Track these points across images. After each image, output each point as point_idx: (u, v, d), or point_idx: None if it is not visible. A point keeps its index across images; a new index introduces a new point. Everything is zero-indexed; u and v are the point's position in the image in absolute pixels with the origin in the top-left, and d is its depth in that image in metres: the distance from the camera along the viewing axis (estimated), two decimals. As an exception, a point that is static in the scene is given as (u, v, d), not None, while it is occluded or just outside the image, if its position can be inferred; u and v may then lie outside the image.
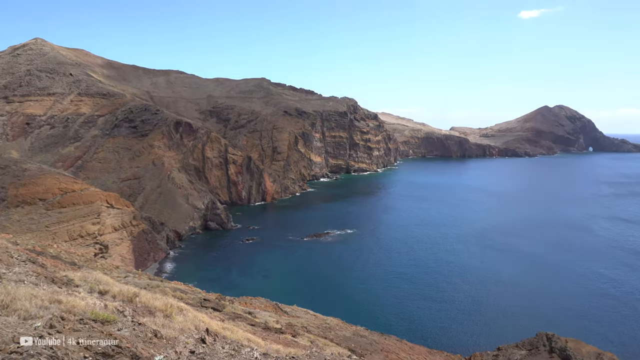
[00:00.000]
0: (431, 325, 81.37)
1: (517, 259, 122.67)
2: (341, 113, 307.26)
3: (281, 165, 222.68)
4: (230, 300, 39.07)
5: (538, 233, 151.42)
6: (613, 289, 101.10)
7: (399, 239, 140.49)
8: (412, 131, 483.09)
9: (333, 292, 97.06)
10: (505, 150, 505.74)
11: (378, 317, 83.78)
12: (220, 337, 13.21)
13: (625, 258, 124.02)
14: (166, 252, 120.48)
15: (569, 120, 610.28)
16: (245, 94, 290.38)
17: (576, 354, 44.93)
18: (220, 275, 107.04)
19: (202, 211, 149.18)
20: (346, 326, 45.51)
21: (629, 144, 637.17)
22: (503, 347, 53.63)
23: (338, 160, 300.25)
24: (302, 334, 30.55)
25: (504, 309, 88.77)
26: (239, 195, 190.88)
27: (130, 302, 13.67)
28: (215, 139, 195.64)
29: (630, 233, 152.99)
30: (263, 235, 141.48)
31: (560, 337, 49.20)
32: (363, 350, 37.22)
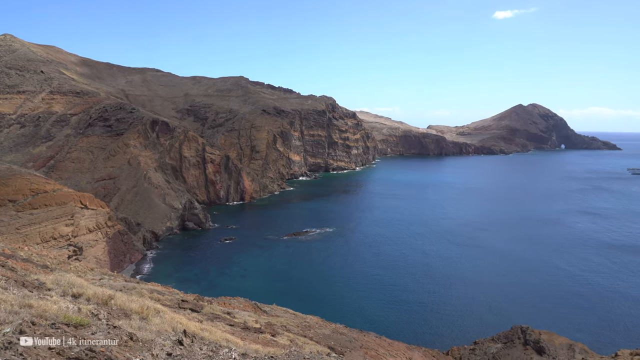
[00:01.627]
0: (410, 322, 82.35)
1: (492, 254, 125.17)
2: (320, 112, 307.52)
3: (260, 164, 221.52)
4: (208, 301, 38.71)
5: (512, 229, 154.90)
6: (583, 281, 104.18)
7: (378, 237, 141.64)
8: (390, 130, 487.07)
9: (312, 290, 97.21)
10: (481, 148, 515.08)
11: (357, 314, 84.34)
12: (198, 338, 13.09)
13: (593, 251, 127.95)
14: (143, 253, 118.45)
15: (542, 119, 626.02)
16: (223, 93, 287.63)
17: (549, 345, 46.23)
18: (199, 276, 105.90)
19: (179, 211, 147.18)
20: (325, 324, 45.65)
21: (598, 141, 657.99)
22: (480, 341, 54.75)
23: (317, 158, 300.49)
24: (281, 333, 30.50)
25: (481, 304, 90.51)
26: (217, 195, 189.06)
27: (105, 305, 13.41)
28: (192, 138, 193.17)
29: (597, 226, 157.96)
30: (242, 235, 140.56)
31: (534, 329, 50.56)
32: (342, 347, 37.40)
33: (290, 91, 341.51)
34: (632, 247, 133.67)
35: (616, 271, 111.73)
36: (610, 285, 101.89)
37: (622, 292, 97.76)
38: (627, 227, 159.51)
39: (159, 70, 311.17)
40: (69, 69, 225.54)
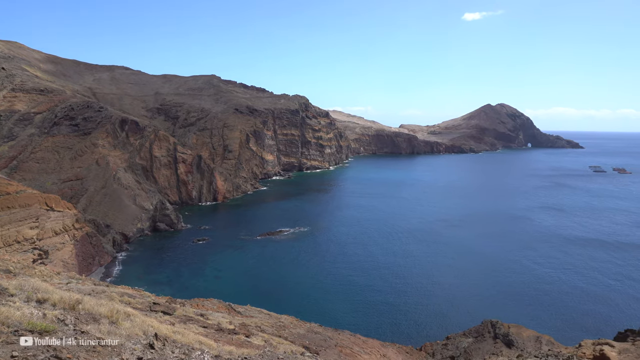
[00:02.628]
0: (384, 319, 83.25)
1: (463, 251, 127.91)
2: (293, 111, 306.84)
3: (233, 163, 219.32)
4: (181, 303, 38.10)
5: (481, 225, 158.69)
6: (547, 276, 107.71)
7: (351, 236, 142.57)
8: (363, 129, 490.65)
9: (287, 290, 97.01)
10: (452, 147, 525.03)
11: (332, 313, 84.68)
12: (170, 341, 12.86)
13: (557, 246, 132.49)
14: (113, 256, 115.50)
15: (509, 118, 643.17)
16: (195, 91, 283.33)
17: (517, 338, 47.58)
18: (171, 278, 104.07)
19: (150, 212, 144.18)
20: (300, 324, 45.65)
21: (562, 140, 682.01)
22: (452, 336, 55.87)
23: (290, 158, 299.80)
24: (255, 333, 30.30)
25: (452, 300, 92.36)
26: (189, 195, 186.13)
27: (72, 310, 13.00)
28: (163, 138, 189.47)
29: (560, 222, 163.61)
30: (215, 235, 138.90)
31: (504, 323, 51.96)
32: (317, 346, 37.49)
33: (263, 90, 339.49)
34: (591, 241, 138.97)
35: (577, 266, 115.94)
36: (572, 280, 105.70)
37: (583, 286, 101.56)
38: (588, 222, 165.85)
39: (128, 68, 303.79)
40: (32, 66, 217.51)
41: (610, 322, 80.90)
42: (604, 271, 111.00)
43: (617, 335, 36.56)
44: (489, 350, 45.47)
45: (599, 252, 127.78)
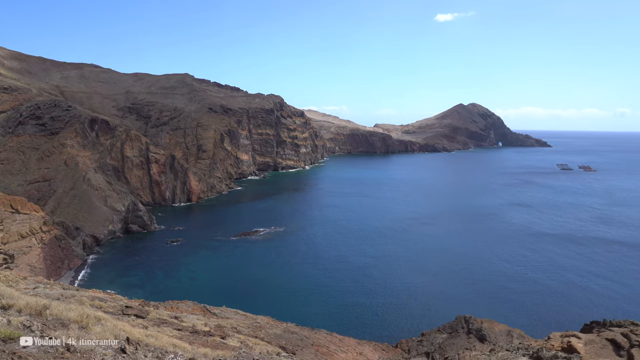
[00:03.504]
0: (360, 317, 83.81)
1: (435, 248, 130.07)
2: (268, 110, 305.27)
3: (207, 163, 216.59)
4: (154, 306, 37.41)
5: (453, 222, 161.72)
6: (517, 270, 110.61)
7: (327, 235, 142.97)
8: (338, 128, 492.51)
9: (263, 290, 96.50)
10: (425, 146, 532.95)
11: (309, 313, 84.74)
12: (143, 345, 12.60)
13: (525, 242, 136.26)
14: (83, 259, 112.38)
15: (481, 117, 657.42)
16: (167, 90, 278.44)
17: (490, 332, 48.65)
18: (144, 280, 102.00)
19: (122, 213, 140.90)
20: (277, 324, 45.51)
21: (531, 139, 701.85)
22: (426, 333, 56.68)
23: (265, 157, 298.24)
24: (231, 335, 30.02)
25: (427, 297, 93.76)
26: (163, 196, 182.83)
27: (39, 316, 12.58)
28: (135, 137, 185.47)
29: (529, 219, 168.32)
30: (189, 236, 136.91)
31: (477, 318, 53.01)
32: (294, 346, 37.44)
33: (238, 89, 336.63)
34: (558, 237, 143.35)
35: (544, 262, 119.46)
36: (540, 276, 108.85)
37: (551, 282, 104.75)
38: (554, 219, 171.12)
39: (97, 66, 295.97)
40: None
41: (577, 315, 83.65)
42: (568, 267, 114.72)
43: (583, 327, 37.82)
44: (463, 345, 46.33)
45: (565, 248, 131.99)
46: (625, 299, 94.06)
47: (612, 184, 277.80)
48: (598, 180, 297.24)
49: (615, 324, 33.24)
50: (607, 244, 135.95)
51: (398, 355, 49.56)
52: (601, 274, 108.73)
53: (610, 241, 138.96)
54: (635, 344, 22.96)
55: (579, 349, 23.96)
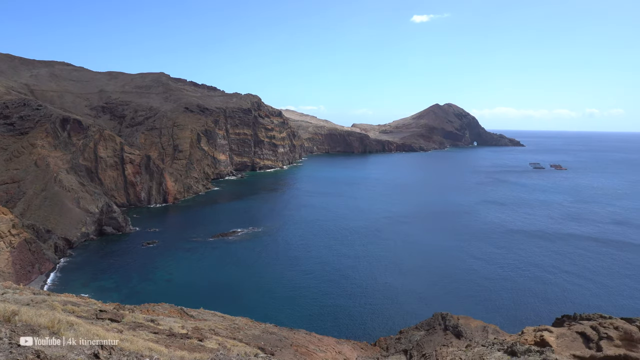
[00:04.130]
0: (339, 317, 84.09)
1: (411, 246, 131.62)
2: (245, 110, 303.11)
3: (183, 164, 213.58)
4: (130, 309, 36.68)
5: (429, 220, 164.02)
6: (492, 267, 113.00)
7: (305, 235, 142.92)
8: (316, 128, 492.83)
9: (241, 291, 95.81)
10: (402, 146, 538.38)
11: (287, 313, 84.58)
12: (117, 349, 12.35)
13: (500, 239, 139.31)
14: (55, 262, 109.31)
15: (457, 118, 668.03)
16: (142, 89, 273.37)
17: (466, 329, 49.52)
18: (119, 283, 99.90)
19: (96, 215, 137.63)
20: (255, 325, 45.26)
21: (505, 138, 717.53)
22: (404, 330, 57.33)
23: (243, 157, 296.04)
24: (209, 337, 29.69)
25: (405, 295, 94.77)
26: (138, 197, 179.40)
27: (7, 322, 12.17)
28: (109, 137, 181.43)
29: (503, 216, 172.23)
30: (165, 238, 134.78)
31: (453, 315, 53.89)
32: (273, 347, 37.31)
33: (214, 89, 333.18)
34: (529, 234, 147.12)
35: (517, 259, 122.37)
36: (513, 271, 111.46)
37: (524, 278, 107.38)
38: (527, 216, 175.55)
39: (69, 64, 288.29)
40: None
41: (549, 310, 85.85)
42: (540, 263, 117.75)
43: (555, 321, 38.88)
44: (440, 342, 47.01)
45: (536, 244, 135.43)
46: (593, 293, 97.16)
47: (582, 182, 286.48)
48: (568, 178, 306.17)
49: (584, 318, 34.31)
50: (576, 240, 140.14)
51: (376, 353, 49.97)
52: (571, 270, 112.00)
53: (579, 237, 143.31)
54: (604, 336, 23.74)
55: (551, 343, 24.63)
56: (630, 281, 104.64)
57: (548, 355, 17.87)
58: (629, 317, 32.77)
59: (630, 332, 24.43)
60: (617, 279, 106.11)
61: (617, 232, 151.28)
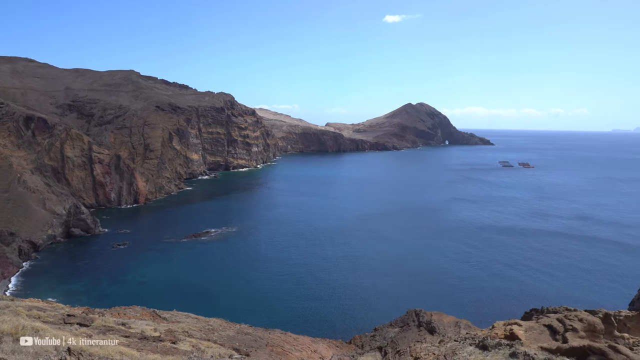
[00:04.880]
0: (314, 315, 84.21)
1: (385, 244, 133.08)
2: (218, 109, 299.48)
3: (155, 163, 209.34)
4: (100, 313, 35.71)
5: (402, 218, 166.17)
6: (463, 263, 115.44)
7: (279, 235, 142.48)
8: (290, 127, 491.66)
9: (215, 292, 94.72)
10: (376, 145, 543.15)
11: (262, 313, 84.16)
12: (86, 355, 12.01)
13: (471, 235, 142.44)
14: (19, 266, 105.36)
15: (429, 117, 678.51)
16: (112, 87, 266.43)
17: (439, 324, 50.39)
18: (88, 287, 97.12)
19: (63, 217, 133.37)
20: (230, 325, 44.82)
21: (476, 137, 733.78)
22: (379, 327, 57.89)
23: (216, 157, 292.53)
24: (183, 339, 29.23)
25: (379, 292, 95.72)
26: (108, 198, 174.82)
27: (-32, 329, 11.67)
28: (76, 137, 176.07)
29: (473, 213, 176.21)
30: (136, 239, 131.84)
31: (427, 311, 54.73)
32: (248, 347, 37.03)
33: (186, 87, 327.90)
34: (499, 230, 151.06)
35: (487, 254, 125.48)
36: (484, 267, 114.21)
37: (493, 273, 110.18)
38: (495, 213, 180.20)
39: (32, 60, 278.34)
40: None
41: (519, 304, 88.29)
42: (509, 258, 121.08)
43: (523, 315, 40.02)
44: (414, 338, 47.67)
45: (505, 240, 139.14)
46: (559, 287, 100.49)
47: (548, 179, 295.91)
48: (535, 176, 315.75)
49: (551, 311, 35.45)
50: (542, 235, 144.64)
51: (352, 351, 50.27)
52: (538, 264, 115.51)
53: (546, 233, 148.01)
54: (569, 328, 24.57)
55: (520, 336, 25.33)
56: (593, 274, 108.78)
57: (517, 348, 18.37)
58: (593, 309, 34.08)
59: (594, 323, 25.39)
60: (581, 272, 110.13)
61: (581, 227, 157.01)
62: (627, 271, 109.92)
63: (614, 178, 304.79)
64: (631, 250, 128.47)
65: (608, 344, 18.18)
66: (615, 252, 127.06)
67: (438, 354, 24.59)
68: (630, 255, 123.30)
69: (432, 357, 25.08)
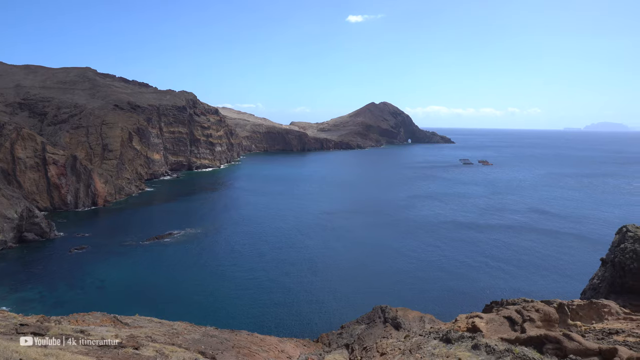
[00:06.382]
0: (280, 315, 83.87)
1: (350, 241, 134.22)
2: (180, 107, 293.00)
3: (114, 164, 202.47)
4: (56, 321, 34.22)
5: (366, 215, 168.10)
6: (426, 259, 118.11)
7: (244, 235, 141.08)
8: (254, 126, 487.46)
9: (180, 295, 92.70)
10: (340, 144, 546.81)
11: (229, 314, 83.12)
12: (42, 365, 11.47)
13: (433, 231, 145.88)
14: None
15: (392, 116, 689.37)
16: (66, 85, 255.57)
17: (404, 320, 51.36)
18: (43, 294, 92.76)
19: (14, 221, 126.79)
20: (195, 328, 44.02)
21: (437, 136, 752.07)
22: (346, 325, 58.36)
23: (179, 157, 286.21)
24: (146, 344, 28.43)
25: (345, 290, 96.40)
26: (64, 200, 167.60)
27: None
28: (28, 137, 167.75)
29: (436, 209, 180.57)
30: (95, 243, 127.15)
31: (392, 307, 55.67)
32: (214, 350, 36.48)
33: (147, 85, 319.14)
34: (460, 225, 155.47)
35: (450, 248, 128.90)
36: (446, 262, 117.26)
37: (455, 267, 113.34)
38: (456, 208, 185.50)
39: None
40: None
41: (480, 297, 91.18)
42: (470, 252, 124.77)
43: (484, 307, 41.40)
44: (380, 334, 48.35)
45: (465, 235, 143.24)
46: (517, 279, 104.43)
47: (505, 176, 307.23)
48: (494, 172, 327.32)
49: (510, 303, 36.84)
50: (501, 229, 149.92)
51: (319, 349, 50.43)
52: (498, 258, 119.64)
53: (504, 227, 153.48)
54: (527, 318, 25.60)
55: (481, 328, 26.18)
56: (547, 265, 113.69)
57: (479, 340, 18.97)
58: (548, 299, 35.67)
59: (549, 313, 26.57)
60: (537, 264, 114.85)
61: (535, 220, 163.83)
62: (578, 262, 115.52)
63: (562, 174, 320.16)
64: (581, 242, 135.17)
65: (562, 332, 19.06)
66: (567, 244, 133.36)
67: (404, 349, 25.04)
68: (580, 247, 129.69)
69: (398, 352, 25.51)
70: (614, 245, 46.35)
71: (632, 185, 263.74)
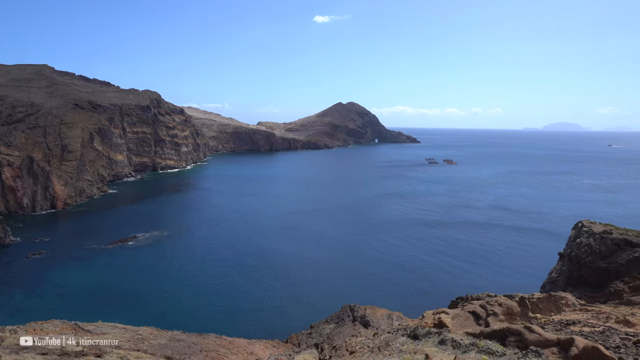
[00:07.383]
0: (249, 318, 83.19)
1: (318, 241, 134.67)
2: (143, 107, 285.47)
3: (74, 165, 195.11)
4: (11, 330, 32.66)
5: (334, 215, 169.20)
6: (393, 257, 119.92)
7: (212, 237, 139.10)
8: (221, 126, 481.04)
9: (145, 300, 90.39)
10: (308, 143, 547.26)
11: (196, 318, 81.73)
12: (-2, 377, 10.93)
13: (400, 229, 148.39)
14: None
15: (359, 116, 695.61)
16: (21, 83, 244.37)
17: (373, 318, 51.91)
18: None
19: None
20: (161, 333, 42.98)
21: (403, 135, 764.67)
22: (315, 325, 58.43)
23: (143, 157, 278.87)
24: (109, 351, 27.55)
25: (314, 290, 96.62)
26: (19, 204, 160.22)
27: None
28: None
29: (402, 208, 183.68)
30: (54, 247, 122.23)
31: (361, 306, 56.15)
32: (181, 354, 35.76)
33: (108, 84, 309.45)
34: (427, 222, 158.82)
35: (415, 246, 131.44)
36: (413, 260, 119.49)
37: (421, 263, 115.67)
38: (422, 206, 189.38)
39: None
40: None
41: (446, 293, 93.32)
42: (435, 250, 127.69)
43: (450, 303, 42.42)
44: (349, 333, 48.68)
45: (431, 233, 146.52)
46: (482, 274, 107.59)
47: (468, 174, 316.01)
48: (458, 171, 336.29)
49: (475, 298, 37.88)
50: (465, 226, 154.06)
51: (289, 350, 50.27)
52: (462, 254, 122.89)
53: (467, 224, 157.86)
54: (490, 313, 26.42)
55: (447, 323, 26.78)
56: (510, 260, 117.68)
57: (445, 335, 19.40)
58: (510, 293, 36.92)
59: (511, 307, 27.51)
60: (499, 259, 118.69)
61: (497, 217, 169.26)
62: (538, 256, 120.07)
63: (520, 172, 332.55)
64: (539, 237, 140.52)
65: (524, 325, 19.77)
66: (526, 240, 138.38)
67: (372, 347, 25.32)
68: (539, 242, 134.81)
69: (367, 350, 25.77)
70: (571, 240, 48.46)
71: (584, 183, 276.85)
